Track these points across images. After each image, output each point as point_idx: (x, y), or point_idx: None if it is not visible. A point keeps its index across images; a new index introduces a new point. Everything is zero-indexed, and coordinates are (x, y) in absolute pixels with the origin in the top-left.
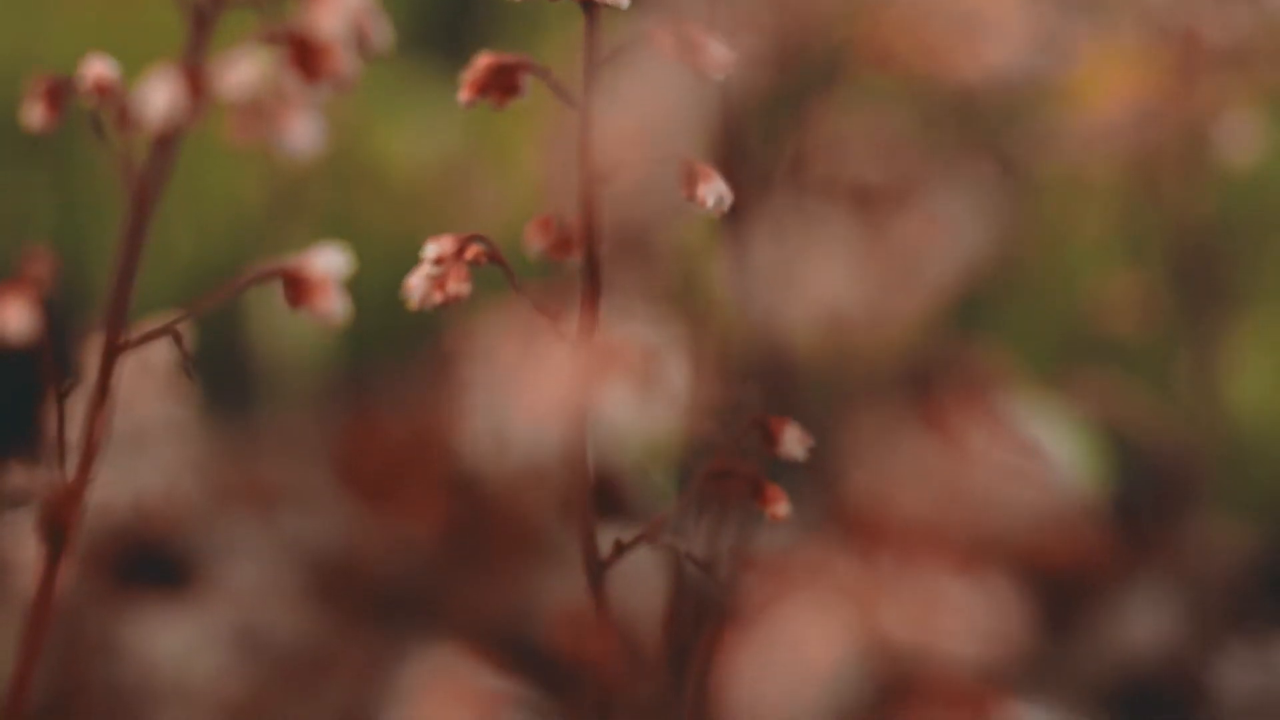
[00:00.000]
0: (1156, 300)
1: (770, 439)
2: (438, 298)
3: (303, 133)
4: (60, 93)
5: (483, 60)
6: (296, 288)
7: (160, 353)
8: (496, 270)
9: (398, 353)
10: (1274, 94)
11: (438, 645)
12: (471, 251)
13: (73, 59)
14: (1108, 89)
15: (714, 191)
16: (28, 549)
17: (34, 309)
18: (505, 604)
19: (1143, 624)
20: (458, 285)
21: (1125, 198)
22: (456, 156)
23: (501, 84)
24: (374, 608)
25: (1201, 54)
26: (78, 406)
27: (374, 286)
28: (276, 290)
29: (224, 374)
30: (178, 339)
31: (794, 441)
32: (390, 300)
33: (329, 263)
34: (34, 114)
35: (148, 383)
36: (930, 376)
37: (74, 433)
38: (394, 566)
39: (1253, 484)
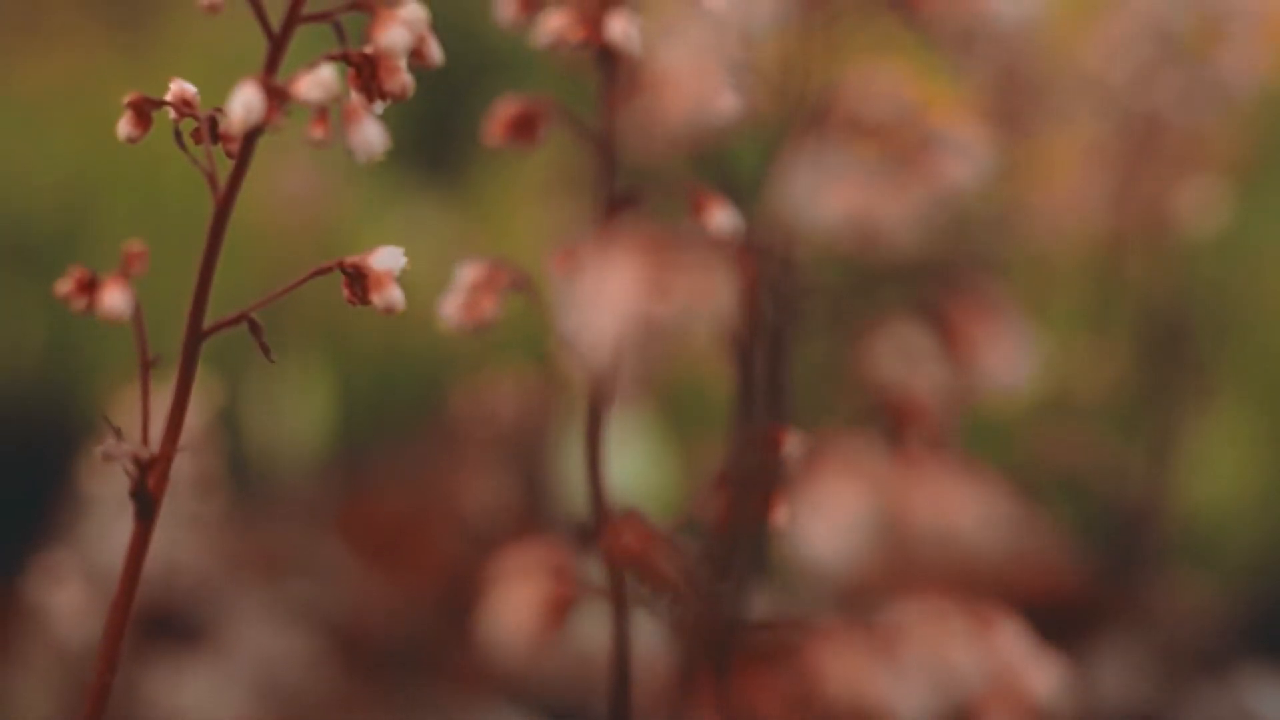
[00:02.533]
0: (1121, 369)
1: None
2: (469, 321)
3: (367, 137)
4: (148, 108)
5: (508, 105)
6: (360, 281)
7: (192, 416)
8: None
9: (388, 438)
10: (1235, 171)
11: (439, 691)
12: (502, 279)
13: (64, 181)
14: (1071, 171)
15: (723, 218)
16: (61, 596)
17: (129, 294)
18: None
19: (1112, 669)
20: (487, 310)
21: (1091, 276)
22: (440, 267)
23: (525, 128)
24: (379, 660)
25: (1163, 134)
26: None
27: (364, 382)
28: (275, 380)
29: (230, 455)
30: (254, 327)
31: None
32: (379, 394)
33: (389, 259)
34: (124, 128)
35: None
36: (941, 286)
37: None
38: (397, 622)
39: (1221, 554)
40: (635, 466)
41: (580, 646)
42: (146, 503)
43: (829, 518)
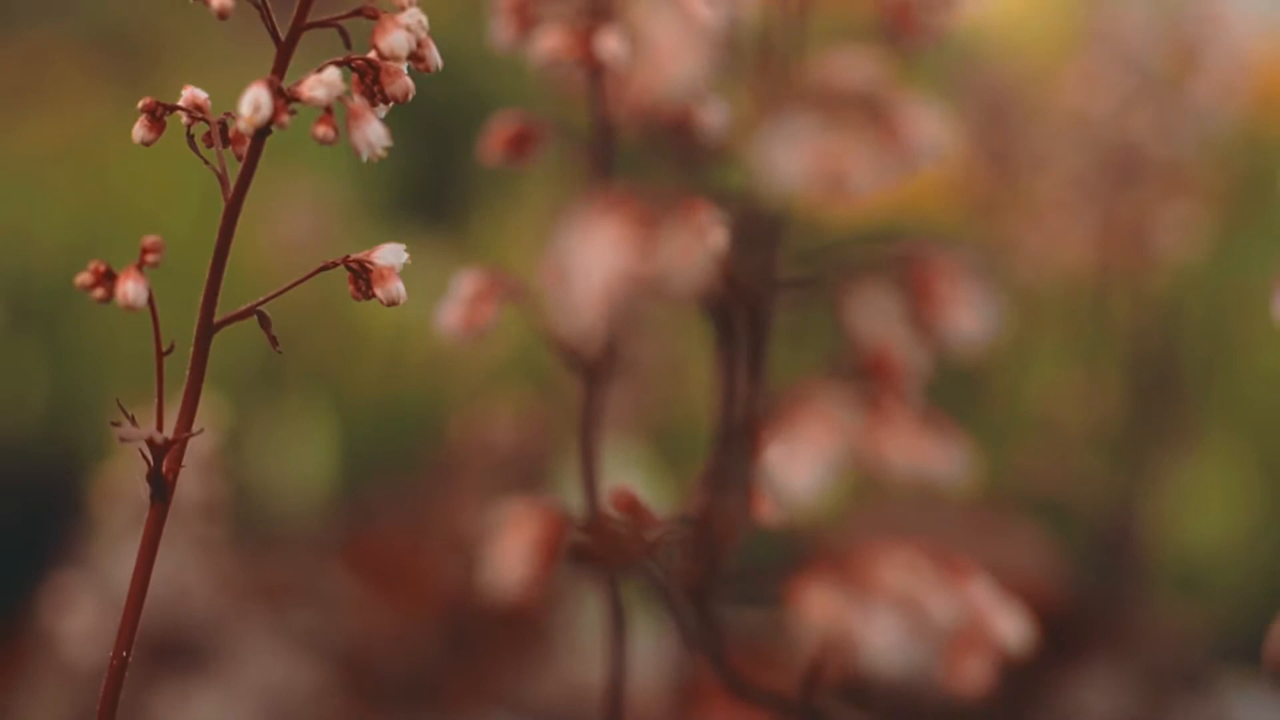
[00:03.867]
0: (1110, 403)
1: None
2: (468, 330)
3: (370, 136)
4: (161, 112)
5: (505, 123)
6: (364, 276)
7: (199, 441)
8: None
9: (389, 476)
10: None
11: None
12: (500, 288)
13: (64, 236)
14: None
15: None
16: (71, 618)
17: (144, 285)
18: (499, 679)
19: (1098, 685)
20: (486, 319)
21: (1078, 310)
22: (427, 327)
23: (522, 144)
24: (381, 684)
25: (1144, 164)
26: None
27: (365, 425)
28: (278, 424)
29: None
30: (264, 321)
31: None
32: (379, 436)
33: (391, 255)
34: (139, 132)
35: (189, 465)
36: (908, 250)
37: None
38: (398, 647)
39: (1209, 589)
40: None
41: (574, 675)
42: (161, 486)
43: (803, 454)
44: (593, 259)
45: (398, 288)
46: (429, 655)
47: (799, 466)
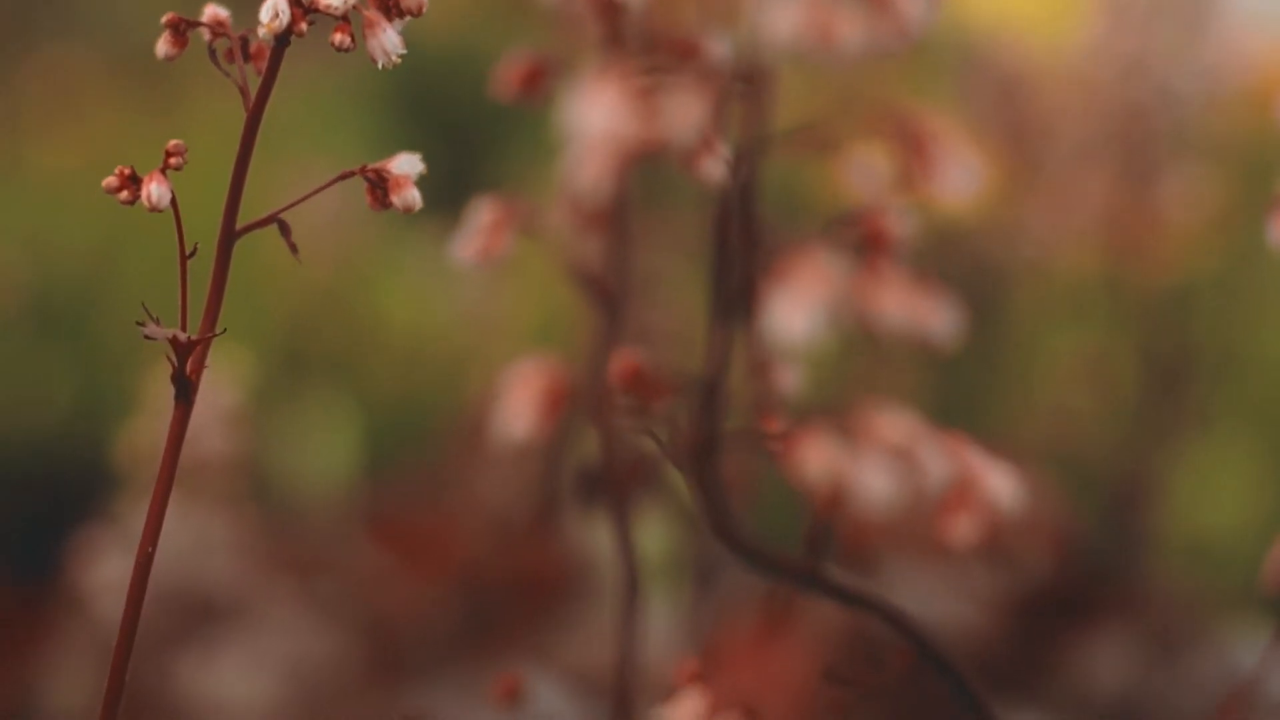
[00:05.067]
0: (1120, 376)
1: None
2: (482, 258)
3: (385, 44)
4: (183, 28)
5: (518, 61)
6: (380, 185)
7: (225, 395)
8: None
9: (406, 465)
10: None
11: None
12: (516, 216)
13: (88, 243)
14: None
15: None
16: (100, 572)
17: (168, 187)
18: (520, 644)
19: (1107, 646)
20: (501, 248)
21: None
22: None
23: (535, 81)
24: (401, 648)
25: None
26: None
27: (385, 424)
28: (301, 414)
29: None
30: (283, 227)
31: None
32: (397, 437)
33: (407, 164)
34: (162, 47)
35: (213, 416)
36: (898, 112)
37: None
38: (418, 613)
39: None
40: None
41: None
42: (185, 386)
43: (799, 300)
44: (595, 118)
45: (414, 194)
46: (451, 623)
47: (795, 312)
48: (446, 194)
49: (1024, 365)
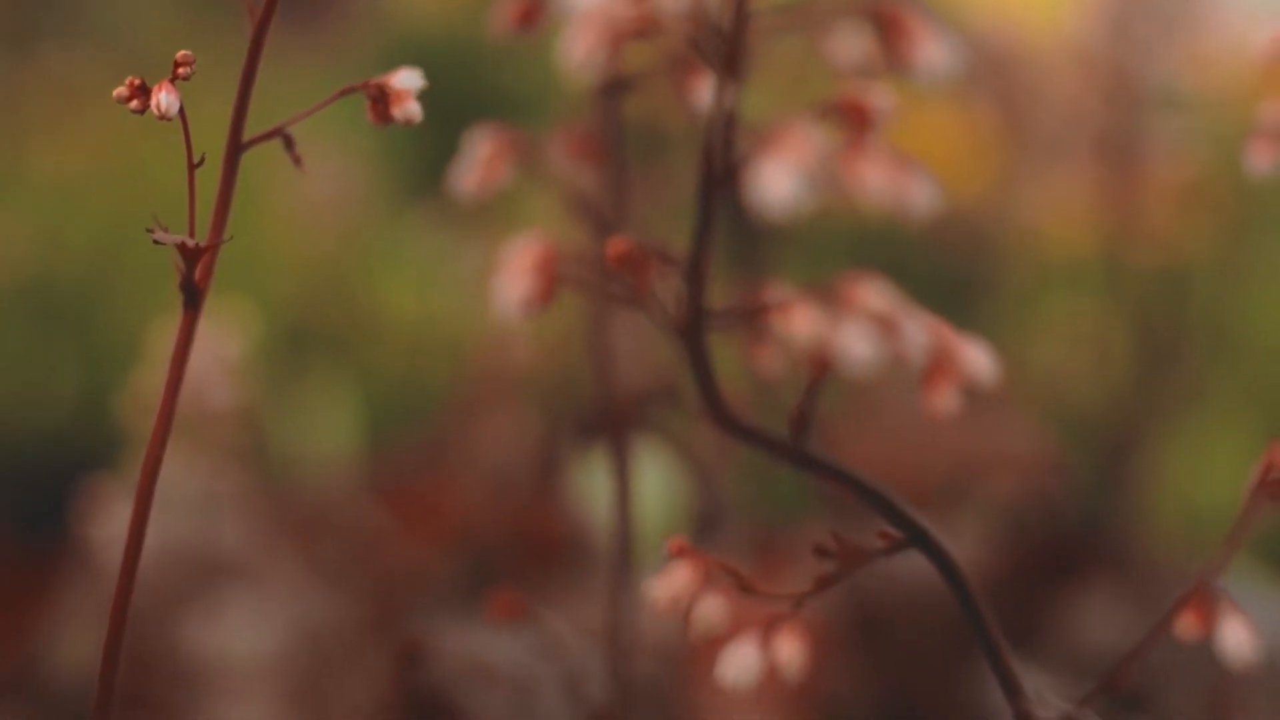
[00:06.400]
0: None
1: None
2: (481, 188)
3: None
4: None
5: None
6: (382, 99)
7: (229, 346)
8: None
9: (408, 437)
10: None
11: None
12: (514, 148)
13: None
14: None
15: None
16: (105, 527)
17: (176, 95)
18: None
19: (1097, 604)
20: (500, 178)
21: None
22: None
23: (532, 14)
24: (403, 604)
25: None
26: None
27: (382, 403)
28: (305, 394)
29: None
30: (288, 141)
31: None
32: (394, 414)
33: (409, 79)
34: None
35: (218, 369)
36: None
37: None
38: (420, 569)
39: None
40: (649, 492)
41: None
42: (193, 292)
43: (782, 165)
44: (588, 10)
45: (414, 107)
46: (451, 583)
47: (780, 178)
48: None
49: (1018, 330)
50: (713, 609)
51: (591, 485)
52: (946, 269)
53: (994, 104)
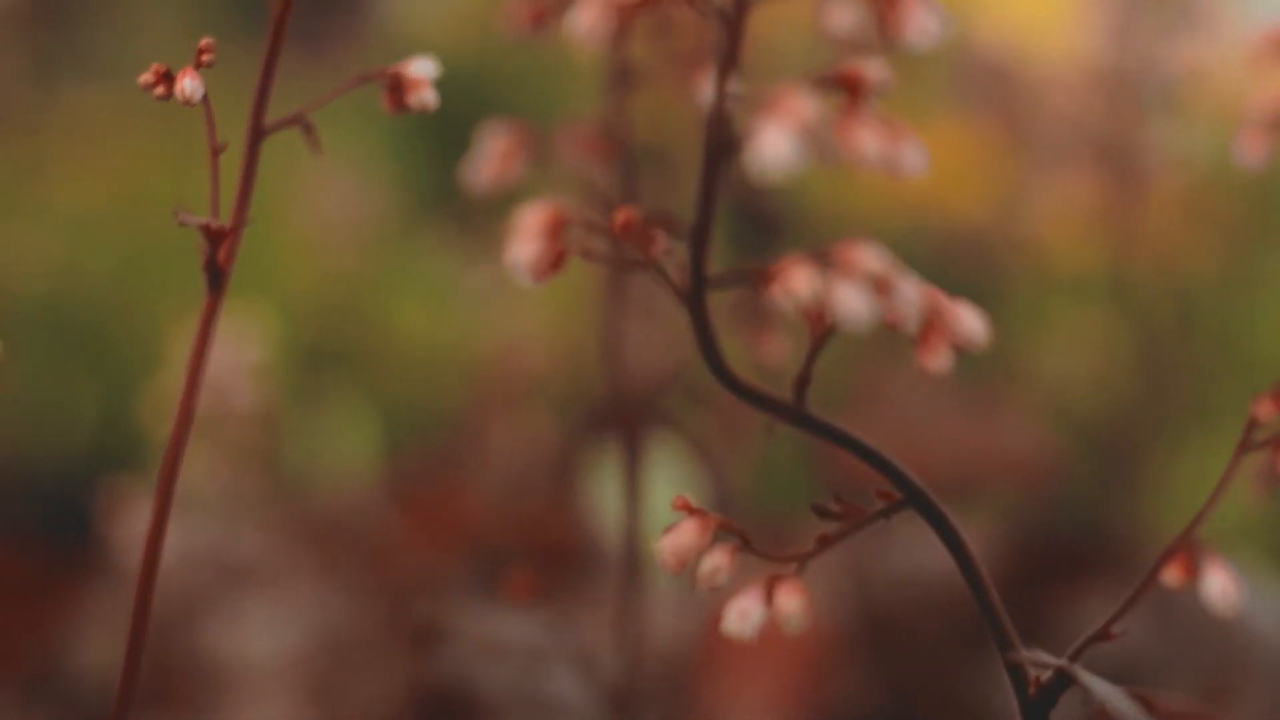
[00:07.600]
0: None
1: None
2: (495, 182)
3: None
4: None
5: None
6: (398, 88)
7: (250, 350)
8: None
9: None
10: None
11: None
12: (528, 142)
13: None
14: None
15: None
16: (126, 526)
17: (200, 82)
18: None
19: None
20: (514, 170)
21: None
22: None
23: (542, 18)
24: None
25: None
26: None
27: (397, 423)
28: (320, 414)
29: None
30: (307, 127)
31: None
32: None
33: (424, 67)
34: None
35: (238, 373)
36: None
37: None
38: (433, 572)
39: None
40: (660, 493)
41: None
42: (217, 275)
43: (781, 128)
44: None
45: (430, 95)
46: (465, 589)
47: (778, 139)
48: (457, 205)
49: (1023, 341)
50: (719, 563)
51: (604, 491)
52: (952, 280)
53: (998, 116)
